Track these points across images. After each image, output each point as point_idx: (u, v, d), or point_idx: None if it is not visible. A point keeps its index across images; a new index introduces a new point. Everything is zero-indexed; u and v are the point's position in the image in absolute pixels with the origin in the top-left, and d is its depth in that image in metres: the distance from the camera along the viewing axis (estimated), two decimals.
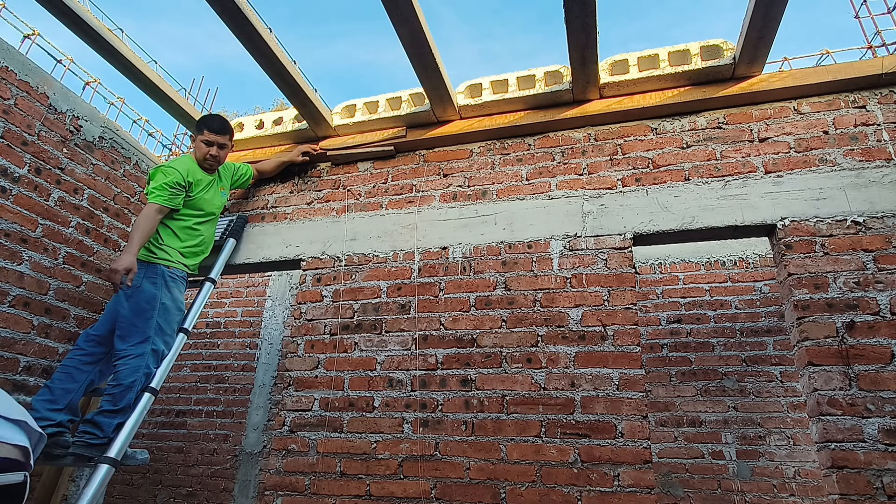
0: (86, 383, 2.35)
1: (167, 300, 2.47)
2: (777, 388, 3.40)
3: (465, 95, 2.84)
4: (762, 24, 2.17)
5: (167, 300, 2.47)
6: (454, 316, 2.47)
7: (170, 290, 2.50)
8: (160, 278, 2.47)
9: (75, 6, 2.50)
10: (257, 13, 2.41)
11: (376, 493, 2.24)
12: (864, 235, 2.10)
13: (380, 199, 2.87)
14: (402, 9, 2.19)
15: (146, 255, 2.50)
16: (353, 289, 2.68)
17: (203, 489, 4.12)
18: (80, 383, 2.32)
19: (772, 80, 2.42)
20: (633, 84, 2.59)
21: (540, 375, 2.25)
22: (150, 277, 2.45)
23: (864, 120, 2.30)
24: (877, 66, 2.31)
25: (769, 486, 3.22)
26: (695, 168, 2.43)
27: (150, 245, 2.53)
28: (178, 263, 2.58)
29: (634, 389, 2.13)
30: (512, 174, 2.69)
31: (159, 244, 2.55)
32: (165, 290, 2.47)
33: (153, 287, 2.44)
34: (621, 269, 2.33)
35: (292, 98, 2.81)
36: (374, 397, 2.42)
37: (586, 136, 2.67)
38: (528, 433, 2.17)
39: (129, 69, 2.83)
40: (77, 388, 2.31)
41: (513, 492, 2.10)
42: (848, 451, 1.84)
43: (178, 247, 2.60)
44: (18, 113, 2.60)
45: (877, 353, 1.93)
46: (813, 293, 2.07)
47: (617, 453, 2.06)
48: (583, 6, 2.10)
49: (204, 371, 4.52)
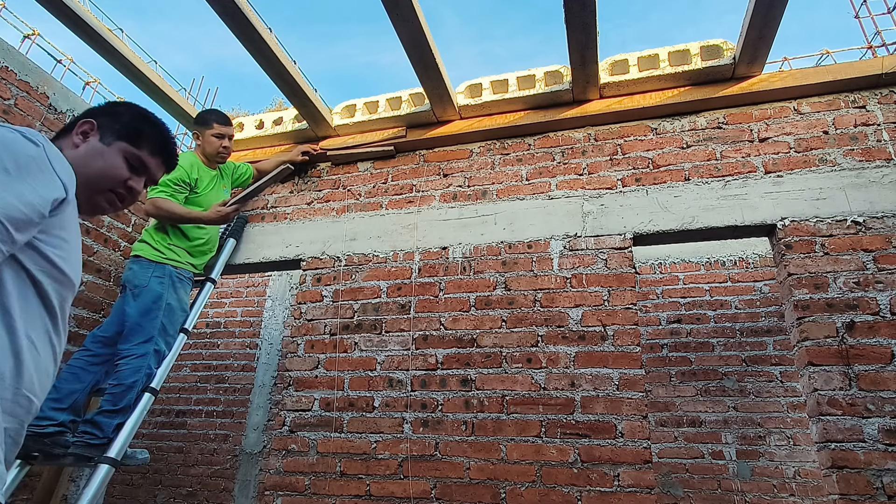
0: (91, 384, 2.35)
1: (173, 301, 2.47)
2: (777, 388, 3.40)
3: (465, 95, 2.84)
4: (762, 24, 2.17)
5: (173, 301, 2.47)
6: (454, 316, 2.47)
7: (176, 290, 2.50)
8: (167, 278, 2.48)
9: (75, 6, 2.50)
10: (258, 13, 2.41)
11: (376, 493, 2.24)
12: (864, 235, 2.10)
13: (380, 199, 2.87)
14: (402, 9, 2.19)
15: (155, 255, 2.51)
16: (353, 289, 2.68)
17: (203, 489, 4.12)
18: (85, 384, 2.33)
19: (772, 80, 2.42)
20: (633, 84, 2.59)
21: (540, 375, 2.25)
22: (158, 277, 2.46)
23: (864, 120, 2.30)
24: (877, 66, 2.31)
25: (769, 486, 3.22)
26: (695, 168, 2.43)
27: (158, 245, 2.53)
28: (187, 264, 2.60)
29: (634, 389, 2.13)
30: (512, 174, 2.69)
31: (167, 244, 2.56)
32: (172, 291, 2.48)
33: (160, 287, 2.44)
34: (621, 269, 2.33)
35: (292, 98, 2.81)
36: (374, 397, 2.42)
37: (586, 136, 2.67)
38: (528, 433, 2.17)
39: (129, 69, 2.83)
40: (82, 389, 2.31)
41: (513, 492, 2.10)
42: (848, 451, 1.84)
43: (186, 246, 2.61)
44: (18, 113, 2.60)
45: (877, 353, 1.93)
46: (813, 293, 2.07)
47: (617, 453, 2.06)
48: (583, 6, 2.10)
49: (204, 371, 4.52)
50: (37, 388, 0.86)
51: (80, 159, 1.03)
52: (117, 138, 1.06)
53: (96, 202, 1.06)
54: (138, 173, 1.09)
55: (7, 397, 0.81)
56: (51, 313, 0.88)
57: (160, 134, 1.14)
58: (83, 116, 1.09)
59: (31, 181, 0.80)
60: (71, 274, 0.90)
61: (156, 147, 1.12)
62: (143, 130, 1.11)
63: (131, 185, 1.07)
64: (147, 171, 1.11)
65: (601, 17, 2.16)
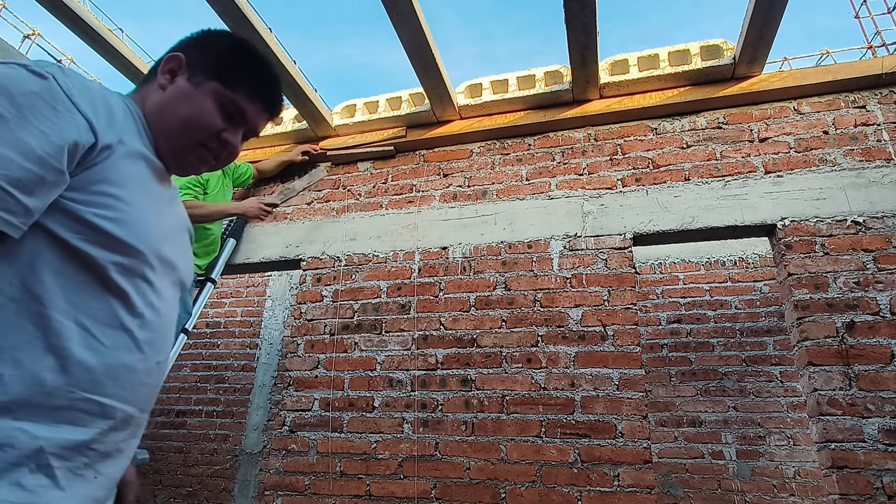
0: None
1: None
2: (777, 388, 3.40)
3: (465, 95, 2.84)
4: (762, 24, 2.17)
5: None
6: (454, 316, 2.47)
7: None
8: None
9: (75, 6, 2.50)
10: (258, 13, 2.41)
11: (376, 493, 2.24)
12: (864, 235, 2.10)
13: (380, 199, 2.87)
14: (402, 9, 2.19)
15: None
16: (353, 289, 2.68)
17: (203, 489, 4.12)
18: None
19: (772, 81, 2.42)
20: (633, 84, 2.59)
21: (540, 375, 2.25)
22: None
23: (864, 120, 2.30)
24: (877, 66, 2.31)
25: (769, 486, 3.22)
26: (695, 168, 2.43)
27: None
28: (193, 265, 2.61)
29: (634, 389, 2.13)
30: (512, 174, 2.69)
31: None
32: None
33: None
34: (621, 269, 2.33)
35: (292, 98, 2.81)
36: (374, 397, 2.42)
37: (586, 136, 2.67)
38: (528, 433, 2.17)
39: (129, 69, 2.83)
40: None
41: (513, 492, 2.10)
42: (848, 451, 1.84)
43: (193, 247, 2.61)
44: None
45: (877, 353, 1.93)
46: (813, 293, 2.07)
47: (617, 453, 2.06)
48: (583, 6, 2.10)
49: (204, 371, 4.53)
50: (110, 386, 0.68)
51: (166, 106, 0.82)
52: (208, 77, 0.83)
53: (184, 159, 0.84)
54: (234, 123, 0.85)
55: (58, 404, 0.63)
56: (115, 292, 0.69)
57: (262, 70, 0.88)
58: (171, 49, 0.87)
59: (37, 124, 0.62)
60: (132, 240, 0.70)
61: (256, 88, 0.86)
62: (239, 66, 0.85)
63: (226, 137, 0.84)
64: (245, 121, 0.86)
65: (601, 17, 2.16)
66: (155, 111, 0.81)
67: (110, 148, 0.69)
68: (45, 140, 0.62)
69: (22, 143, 0.60)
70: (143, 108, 0.82)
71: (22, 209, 0.61)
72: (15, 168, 0.59)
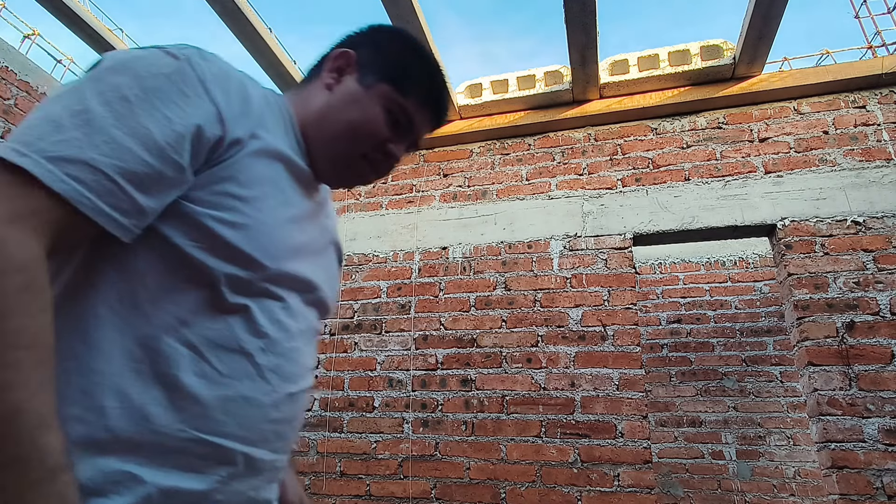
0: None
1: None
2: (777, 388, 3.40)
3: (465, 95, 2.84)
4: (762, 24, 2.17)
5: None
6: (454, 316, 2.47)
7: None
8: None
9: (75, 6, 2.51)
10: (258, 13, 2.41)
11: (376, 493, 2.24)
12: (864, 235, 2.10)
13: (380, 198, 2.87)
14: (402, 9, 2.19)
15: None
16: (353, 289, 2.68)
17: None
18: None
19: (772, 80, 2.42)
20: (633, 84, 2.59)
21: (540, 375, 2.25)
22: None
23: (864, 120, 2.30)
24: (877, 66, 2.31)
25: (769, 486, 3.22)
26: (695, 168, 2.43)
27: None
28: None
29: (634, 389, 2.13)
30: (512, 174, 2.70)
31: None
32: None
33: None
34: (621, 269, 2.34)
35: None
36: (374, 397, 2.42)
37: (586, 136, 2.67)
38: (528, 433, 2.17)
39: None
40: None
41: (513, 492, 2.10)
42: (848, 451, 1.84)
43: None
44: (19, 113, 2.60)
45: (877, 353, 1.93)
46: (813, 293, 2.07)
47: (617, 453, 2.06)
48: (583, 6, 2.10)
49: None
50: (227, 424, 0.55)
51: (332, 107, 0.70)
52: (379, 78, 0.71)
53: (343, 169, 0.73)
54: (400, 132, 0.73)
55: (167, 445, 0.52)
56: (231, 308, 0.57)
57: (435, 75, 0.76)
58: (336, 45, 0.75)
59: (163, 109, 0.52)
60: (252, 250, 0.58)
61: (425, 94, 0.74)
62: (412, 68, 0.73)
63: (391, 149, 0.72)
64: (412, 130, 0.74)
65: (601, 17, 2.16)
66: (316, 113, 0.70)
67: (240, 143, 0.59)
68: (167, 128, 0.52)
69: (144, 130, 0.51)
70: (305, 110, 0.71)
71: (136, 209, 0.51)
72: (132, 159, 0.50)
